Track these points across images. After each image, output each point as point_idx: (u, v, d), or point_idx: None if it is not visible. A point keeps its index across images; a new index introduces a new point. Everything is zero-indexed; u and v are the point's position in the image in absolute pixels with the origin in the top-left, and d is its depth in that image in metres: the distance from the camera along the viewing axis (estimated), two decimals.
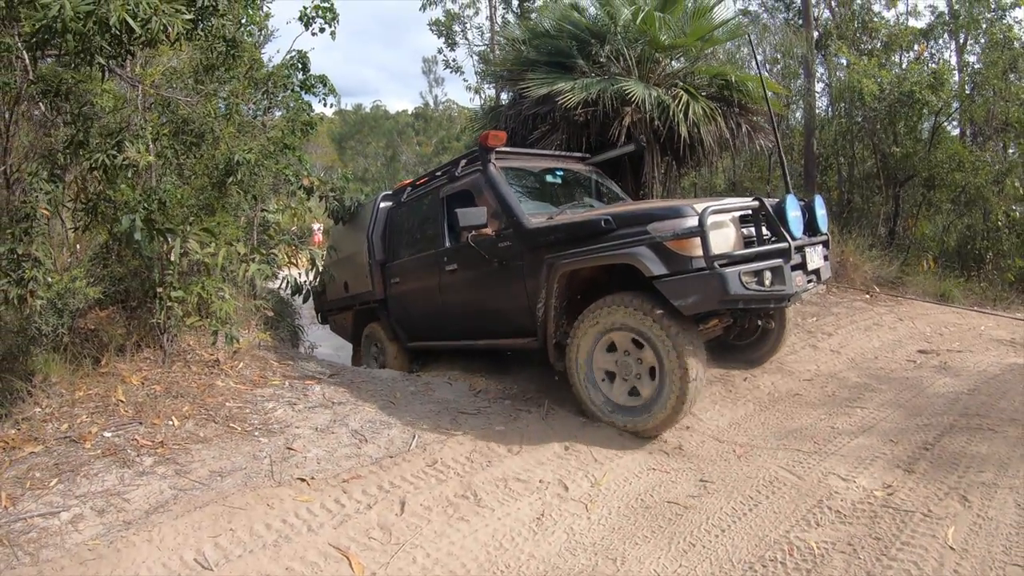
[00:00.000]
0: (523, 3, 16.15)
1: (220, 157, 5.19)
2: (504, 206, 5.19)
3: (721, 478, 3.73)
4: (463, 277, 5.61)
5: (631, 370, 4.32)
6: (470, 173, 5.69)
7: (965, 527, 3.13)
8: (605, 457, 4.01)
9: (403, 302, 6.65)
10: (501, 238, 5.13)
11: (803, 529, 3.15)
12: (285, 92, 6.02)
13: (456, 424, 4.47)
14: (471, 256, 5.40)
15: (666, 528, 3.20)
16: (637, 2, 9.01)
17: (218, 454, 3.82)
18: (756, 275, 3.98)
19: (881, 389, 5.30)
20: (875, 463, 3.87)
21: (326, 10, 5.82)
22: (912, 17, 16.39)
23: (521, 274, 4.95)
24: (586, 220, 4.53)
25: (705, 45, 9.62)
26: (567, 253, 4.53)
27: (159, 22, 3.50)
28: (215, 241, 4.71)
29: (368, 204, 7.38)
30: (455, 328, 5.94)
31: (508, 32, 12.82)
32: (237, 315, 5.20)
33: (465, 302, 5.68)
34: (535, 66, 9.36)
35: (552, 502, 3.42)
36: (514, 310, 5.08)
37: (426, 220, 6.30)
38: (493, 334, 5.50)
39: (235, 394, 4.72)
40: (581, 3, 9.76)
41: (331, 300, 8.08)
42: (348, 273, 7.46)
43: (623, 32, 8.85)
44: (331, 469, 3.68)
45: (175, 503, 3.28)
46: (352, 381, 5.39)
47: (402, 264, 6.60)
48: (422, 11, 20.64)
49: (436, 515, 3.22)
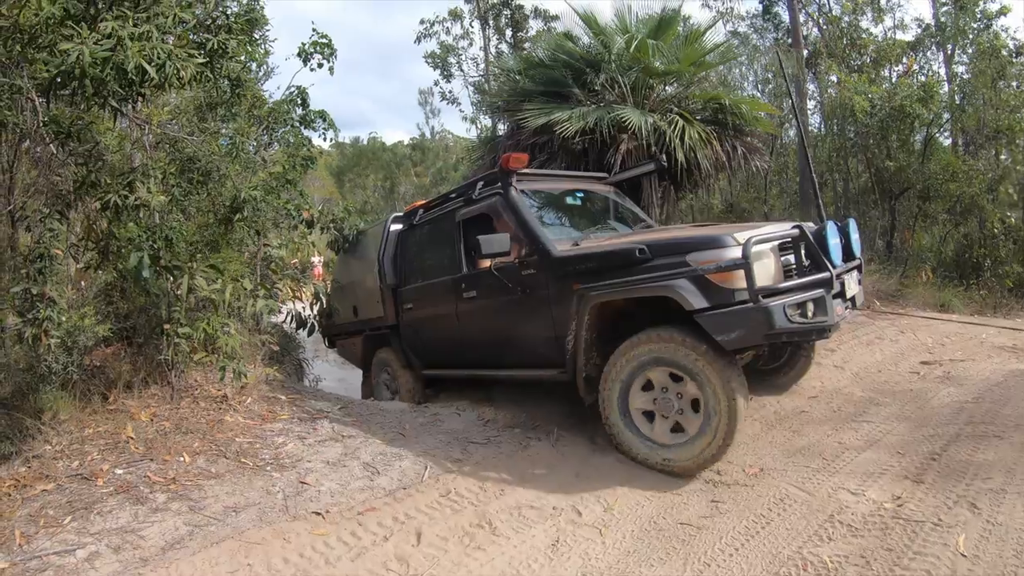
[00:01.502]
0: (516, 34, 16.40)
1: (227, 194, 5.26)
2: (527, 232, 4.97)
3: (732, 498, 3.75)
4: (483, 305, 5.41)
5: (671, 406, 4.11)
6: (488, 196, 5.48)
7: (976, 534, 3.16)
8: (617, 481, 4.02)
9: (417, 328, 6.39)
10: (525, 265, 4.90)
11: (816, 544, 3.18)
12: (285, 127, 6.11)
13: (467, 454, 4.49)
14: (492, 283, 5.21)
15: (680, 549, 3.23)
16: (630, 30, 9.17)
17: (231, 489, 3.83)
18: (799, 307, 3.81)
19: (886, 402, 5.32)
20: (884, 476, 3.90)
21: (324, 45, 5.90)
22: (900, 31, 16.58)
23: (547, 303, 4.74)
24: (619, 249, 4.31)
25: (698, 70, 9.76)
26: (600, 284, 4.30)
27: (173, 66, 3.57)
28: (221, 277, 4.75)
29: (378, 226, 7.14)
30: (474, 357, 5.70)
31: (503, 63, 13.01)
32: (243, 350, 5.22)
33: (485, 331, 5.48)
34: (531, 96, 9.47)
35: (566, 528, 3.44)
36: (539, 341, 4.86)
37: (440, 244, 6.06)
38: (515, 364, 5.26)
39: (244, 429, 4.74)
40: (574, 32, 9.93)
41: (339, 324, 7.84)
42: (357, 297, 7.24)
43: (617, 60, 9.00)
44: (345, 502, 3.69)
45: (191, 539, 3.29)
46: (361, 414, 5.41)
47: (416, 289, 6.37)
48: (417, 43, 20.95)
49: (453, 545, 3.24)
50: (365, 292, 7.00)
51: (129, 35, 3.40)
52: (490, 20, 17.41)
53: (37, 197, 5.13)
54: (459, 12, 20.07)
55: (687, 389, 4.03)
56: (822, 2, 16.96)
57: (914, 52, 15.09)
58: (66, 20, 3.45)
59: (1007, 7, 14.29)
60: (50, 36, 3.51)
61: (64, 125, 4.40)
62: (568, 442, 4.70)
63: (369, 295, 6.90)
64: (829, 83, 14.01)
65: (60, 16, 3.43)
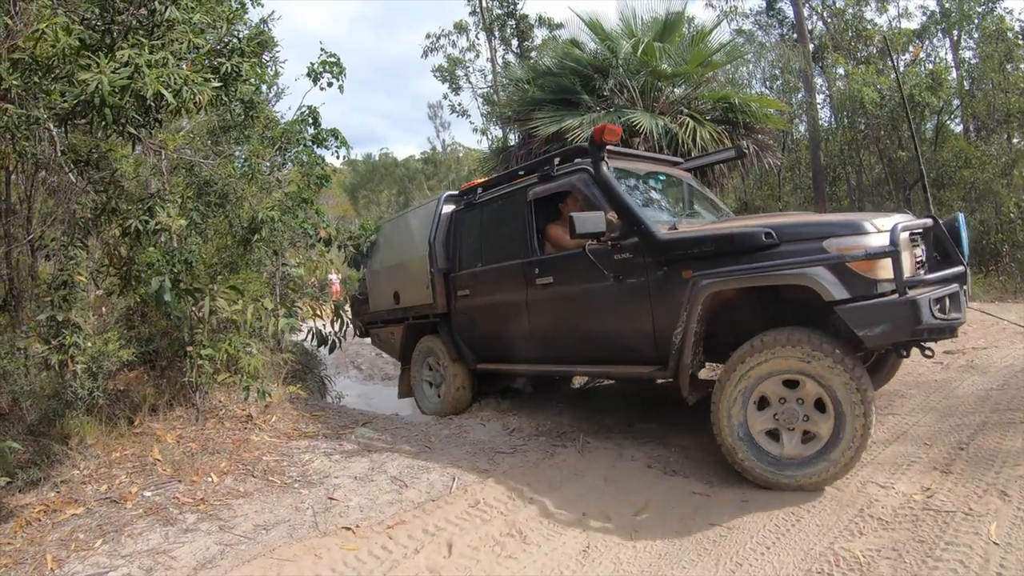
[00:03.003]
0: (522, 43, 16.47)
1: (244, 216, 5.32)
2: (624, 212, 4.54)
3: (761, 496, 3.73)
4: (562, 293, 4.99)
5: (796, 416, 3.73)
6: (571, 172, 5.05)
7: (1007, 521, 3.14)
8: (645, 484, 4.02)
9: (473, 318, 5.97)
10: (618, 249, 4.49)
11: (847, 539, 3.16)
12: (298, 147, 6.16)
13: (494, 464, 4.49)
14: (574, 269, 4.84)
15: (712, 550, 3.20)
16: (636, 34, 9.19)
17: (260, 508, 3.85)
18: (939, 302, 3.51)
19: (911, 394, 5.30)
20: (912, 467, 3.88)
21: (333, 64, 5.96)
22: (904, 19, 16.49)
23: (645, 292, 4.34)
24: (741, 232, 3.90)
25: (705, 70, 9.79)
26: (719, 271, 3.89)
27: (190, 92, 3.62)
28: (242, 298, 4.80)
29: (427, 207, 6.71)
30: (546, 350, 5.28)
31: (511, 73, 13.07)
32: (265, 370, 5.27)
33: (563, 322, 5.04)
34: (541, 105, 9.52)
35: (596, 534, 3.43)
36: (632, 333, 4.48)
37: (507, 225, 5.64)
38: (599, 360, 4.88)
39: (271, 447, 4.77)
40: (580, 39, 9.97)
41: (375, 311, 7.35)
42: (399, 282, 6.81)
43: (624, 65, 9.03)
44: (375, 516, 3.70)
45: (222, 559, 3.30)
46: (385, 428, 5.42)
47: (474, 275, 5.94)
48: (424, 57, 21.12)
49: (484, 555, 3.24)
50: (410, 277, 6.58)
51: (146, 62, 3.45)
52: (495, 31, 17.50)
53: (56, 226, 5.21)
54: (464, 25, 20.28)
55: (806, 392, 3.69)
56: None
57: (920, 40, 15.01)
58: (82, 50, 3.51)
59: None
60: (67, 67, 3.57)
61: (82, 153, 4.47)
62: (594, 448, 4.69)
63: (415, 280, 6.48)
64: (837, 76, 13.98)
65: (77, 47, 3.48)
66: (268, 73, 6.21)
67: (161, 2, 3.67)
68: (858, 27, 14.20)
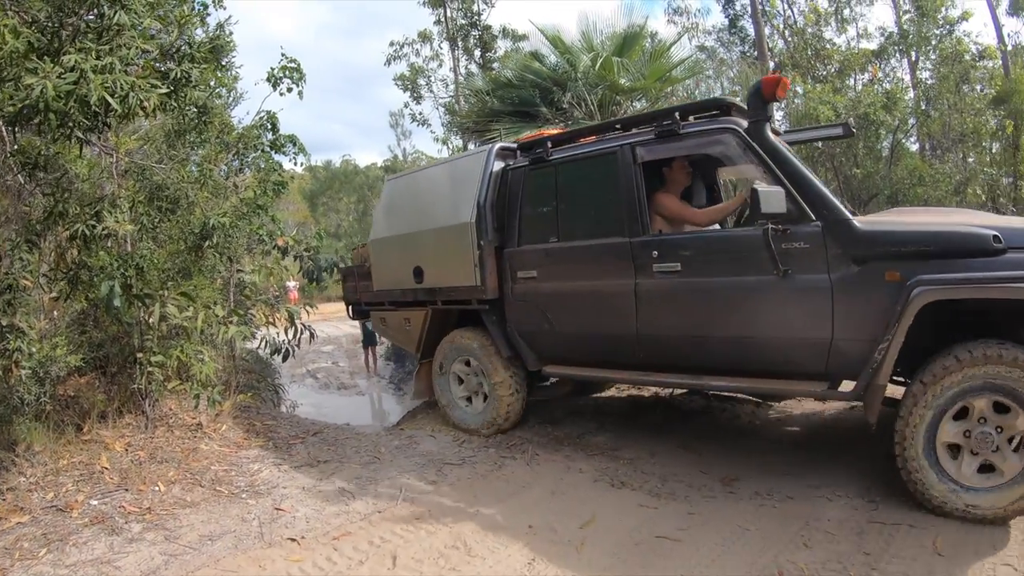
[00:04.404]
0: (485, 54, 16.53)
1: (196, 221, 5.25)
2: (805, 190, 3.71)
3: (709, 509, 3.78)
4: (694, 286, 4.12)
5: (990, 442, 3.26)
6: (710, 131, 4.12)
7: (952, 534, 3.21)
8: (592, 497, 4.05)
9: (542, 308, 4.91)
10: (788, 236, 3.69)
11: (792, 551, 3.20)
12: (255, 153, 6.08)
13: (442, 475, 4.49)
14: (719, 255, 4.06)
15: (657, 563, 3.23)
16: (595, 48, 9.29)
17: (206, 518, 3.82)
18: None
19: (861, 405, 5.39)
20: (860, 480, 3.95)
21: (293, 70, 5.88)
22: (864, 39, 16.90)
23: (825, 293, 3.60)
24: (968, 233, 3.31)
25: (664, 85, 9.90)
26: (947, 277, 3.27)
27: (136, 97, 3.58)
28: (193, 304, 4.73)
29: (470, 158, 5.57)
30: (661, 356, 4.42)
31: (472, 83, 13.08)
32: (217, 377, 5.21)
33: (693, 322, 4.17)
34: (499, 116, 9.55)
35: (542, 546, 3.44)
36: (797, 343, 3.77)
37: (600, 191, 4.63)
38: (742, 372, 4.08)
39: (220, 457, 4.72)
40: (541, 52, 10.04)
41: (381, 291, 6.23)
42: (424, 255, 5.63)
43: (583, 78, 9.06)
44: (320, 527, 3.69)
45: (166, 569, 3.27)
46: (336, 438, 5.37)
47: (545, 252, 4.89)
48: (387, 65, 20.97)
49: (428, 567, 3.24)
50: (442, 250, 5.44)
51: (92, 68, 3.41)
52: (459, 41, 17.55)
53: (7, 226, 5.10)
54: (428, 34, 20.24)
55: (1015, 423, 3.22)
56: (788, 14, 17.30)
57: (878, 60, 15.37)
58: (30, 53, 3.46)
59: (968, 12, 14.66)
60: (14, 70, 3.51)
61: (31, 156, 4.39)
62: (543, 460, 4.71)
63: (451, 255, 5.33)
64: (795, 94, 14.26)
65: (24, 50, 3.43)
66: (227, 77, 6.15)
67: (110, 6, 3.62)
68: (817, 46, 14.51)
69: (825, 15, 16.18)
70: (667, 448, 4.82)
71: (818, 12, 15.92)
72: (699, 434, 5.09)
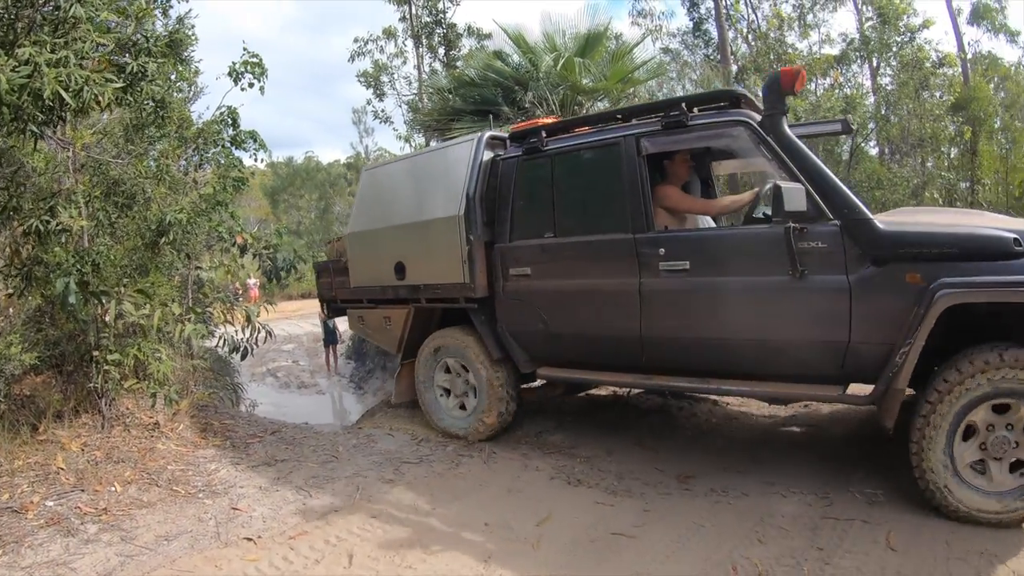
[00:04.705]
0: (449, 52, 16.47)
1: (152, 217, 5.17)
2: (824, 187, 3.60)
3: (665, 506, 3.84)
4: (704, 285, 3.95)
5: (1007, 444, 3.22)
6: (721, 123, 3.97)
7: (905, 529, 3.29)
8: (549, 495, 4.09)
9: (538, 307, 4.70)
10: (805, 235, 3.58)
11: (747, 547, 3.26)
12: (216, 148, 6.00)
13: (399, 474, 4.49)
14: (730, 254, 3.92)
15: (612, 559, 3.28)
16: (558, 48, 9.32)
17: (163, 518, 3.79)
18: None
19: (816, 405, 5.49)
20: (814, 476, 4.04)
21: (255, 65, 5.82)
22: (827, 45, 17.20)
23: (843, 294, 3.51)
24: (990, 236, 3.26)
25: (626, 86, 9.95)
26: (971, 281, 3.20)
27: (90, 92, 3.54)
28: (150, 302, 4.67)
29: (457, 148, 5.22)
30: (666, 359, 4.26)
31: (435, 82, 13.03)
32: (175, 376, 5.15)
33: (702, 324, 4.00)
34: (461, 115, 9.55)
35: (498, 543, 3.47)
36: (812, 345, 3.68)
37: (600, 184, 4.46)
38: (754, 376, 3.95)
39: (177, 456, 4.67)
40: (504, 51, 10.05)
41: (359, 287, 5.94)
42: (407, 250, 5.36)
43: (545, 78, 9.06)
44: (277, 527, 3.69)
45: (122, 570, 3.25)
46: (294, 438, 5.34)
47: (541, 249, 4.68)
48: (351, 62, 20.73)
49: (384, 565, 3.26)
50: (428, 245, 5.18)
51: (46, 61, 3.37)
52: (423, 39, 17.44)
53: None
54: (393, 31, 20.07)
55: (1019, 416, 3.21)
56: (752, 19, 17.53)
57: (840, 65, 15.64)
58: None
59: (930, 20, 14.95)
60: None
61: None
62: (500, 459, 4.75)
63: (437, 250, 5.08)
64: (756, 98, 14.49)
65: None
66: (187, 71, 6.06)
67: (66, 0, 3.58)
68: (779, 50, 14.72)
69: (788, 20, 16.44)
70: (624, 446, 4.88)
71: (781, 17, 16.15)
72: (656, 432, 5.16)
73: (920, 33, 14.89)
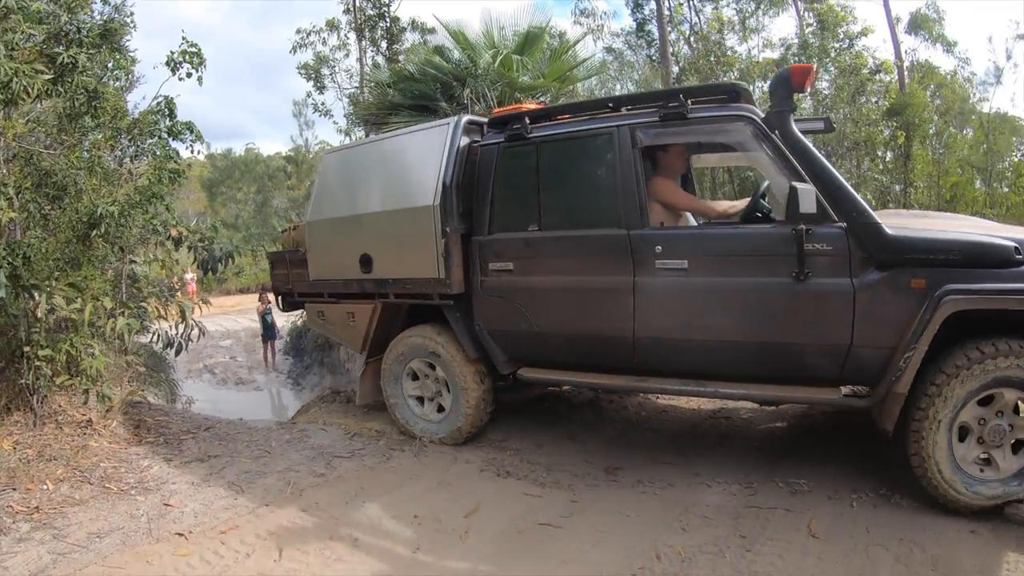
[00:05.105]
0: (392, 46, 16.34)
1: (83, 210, 5.08)
2: (830, 188, 3.59)
3: (592, 498, 3.96)
4: (704, 285, 3.85)
5: (1002, 435, 3.35)
6: (723, 118, 3.90)
7: (827, 516, 3.46)
8: (478, 487, 4.18)
9: (519, 304, 4.47)
10: (811, 237, 3.52)
11: (671, 536, 3.40)
12: (152, 139, 5.89)
13: (331, 468, 4.52)
14: (732, 253, 3.83)
15: (538, 549, 3.39)
16: (497, 45, 9.39)
17: (95, 515, 3.78)
18: None
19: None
20: (738, 467, 4.21)
21: (193, 55, 5.72)
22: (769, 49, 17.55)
23: (847, 298, 3.49)
24: (993, 243, 3.31)
25: (563, 84, 10.03)
26: (977, 288, 3.25)
27: (20, 83, 3.50)
28: (81, 296, 4.61)
29: (431, 131, 4.89)
30: (661, 360, 4.13)
31: (376, 75, 12.91)
32: (108, 372, 5.08)
33: (700, 325, 3.89)
34: (399, 109, 9.51)
35: (427, 535, 3.55)
36: (814, 348, 3.65)
37: (591, 176, 4.28)
38: (752, 378, 3.90)
39: (110, 454, 4.64)
40: (445, 47, 10.08)
41: (319, 280, 5.57)
42: (374, 241, 5.02)
43: (484, 75, 9.07)
44: (208, 522, 3.71)
45: (55, 568, 3.24)
46: (228, 433, 5.32)
47: (524, 243, 4.44)
48: (292, 53, 20.35)
49: (313, 558, 3.31)
50: (401, 237, 4.84)
51: None
52: (366, 32, 17.21)
53: None
54: (336, 23, 19.79)
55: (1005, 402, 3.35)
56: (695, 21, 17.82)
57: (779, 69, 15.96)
58: None
59: (869, 28, 15.36)
60: None
61: None
62: (431, 452, 4.81)
63: (409, 242, 4.77)
64: None
65: None
66: (123, 60, 5.97)
67: None
68: (719, 53, 15.01)
69: (729, 23, 16.75)
70: (554, 439, 5.01)
71: (721, 20, 16.45)
72: (586, 426, 5.29)
73: (859, 40, 15.27)
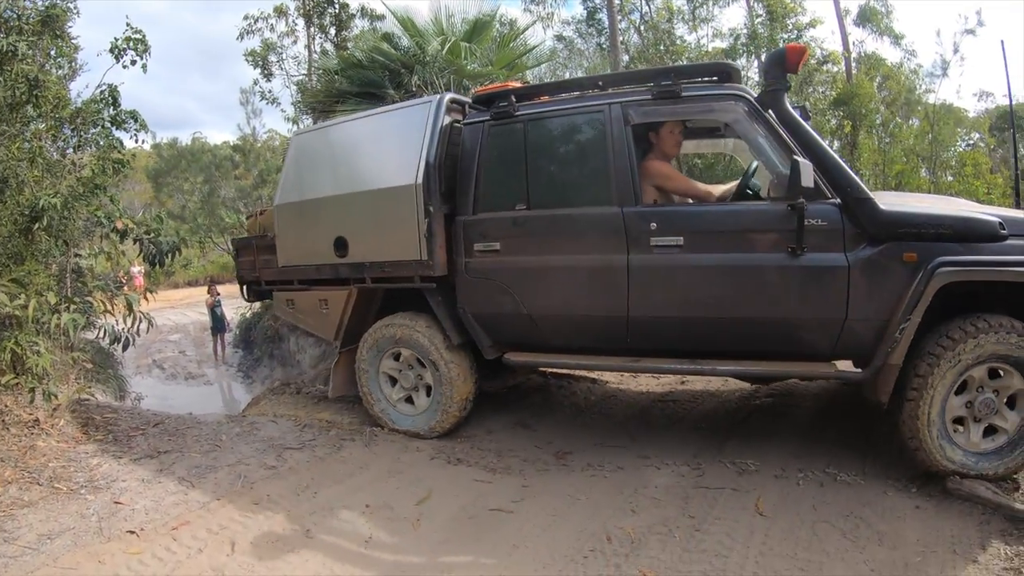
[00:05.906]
0: (340, 32, 16.11)
1: (25, 202, 4.96)
2: (827, 165, 3.64)
3: (542, 482, 4.06)
4: (699, 262, 3.85)
5: (990, 407, 3.53)
6: (715, 96, 3.93)
7: (774, 495, 3.60)
8: (428, 474, 4.25)
9: (506, 286, 4.37)
10: (807, 213, 3.57)
11: (620, 517, 3.51)
12: (95, 128, 5.77)
13: (282, 460, 4.53)
14: (728, 230, 3.84)
15: (490, 534, 3.47)
16: (446, 32, 9.37)
17: (45, 516, 3.74)
18: None
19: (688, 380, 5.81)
20: (686, 449, 4.33)
21: (138, 42, 5.62)
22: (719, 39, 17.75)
23: (842, 272, 3.58)
24: (979, 219, 3.48)
25: (511, 72, 10.02)
26: (967, 260, 3.41)
27: None
28: (25, 292, 4.53)
29: (412, 109, 4.79)
30: (657, 340, 4.13)
31: (324, 62, 12.74)
32: (54, 370, 5.00)
33: (696, 303, 3.92)
34: (347, 97, 9.44)
35: (379, 523, 3.61)
36: (809, 323, 3.72)
37: (582, 154, 4.23)
38: (747, 354, 3.94)
39: (58, 453, 4.58)
40: (394, 34, 10.03)
41: (288, 266, 5.36)
42: (350, 223, 4.86)
43: (432, 62, 9.03)
44: (159, 518, 3.70)
45: (5, 571, 3.22)
46: (177, 429, 5.27)
47: (512, 222, 4.36)
48: (240, 40, 19.88)
49: (266, 551, 3.34)
50: (380, 218, 4.68)
51: None
52: (315, 18, 16.93)
53: None
54: (284, 8, 19.34)
55: (1010, 384, 3.50)
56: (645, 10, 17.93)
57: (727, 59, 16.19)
58: None
59: (817, 19, 15.56)
60: None
61: None
62: (381, 441, 4.84)
63: (391, 224, 4.61)
64: None
65: None
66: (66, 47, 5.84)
67: None
68: (668, 42, 15.15)
69: (679, 12, 16.92)
70: (504, 425, 5.10)
71: (671, 9, 16.60)
72: (536, 412, 5.40)
73: (807, 31, 15.47)
